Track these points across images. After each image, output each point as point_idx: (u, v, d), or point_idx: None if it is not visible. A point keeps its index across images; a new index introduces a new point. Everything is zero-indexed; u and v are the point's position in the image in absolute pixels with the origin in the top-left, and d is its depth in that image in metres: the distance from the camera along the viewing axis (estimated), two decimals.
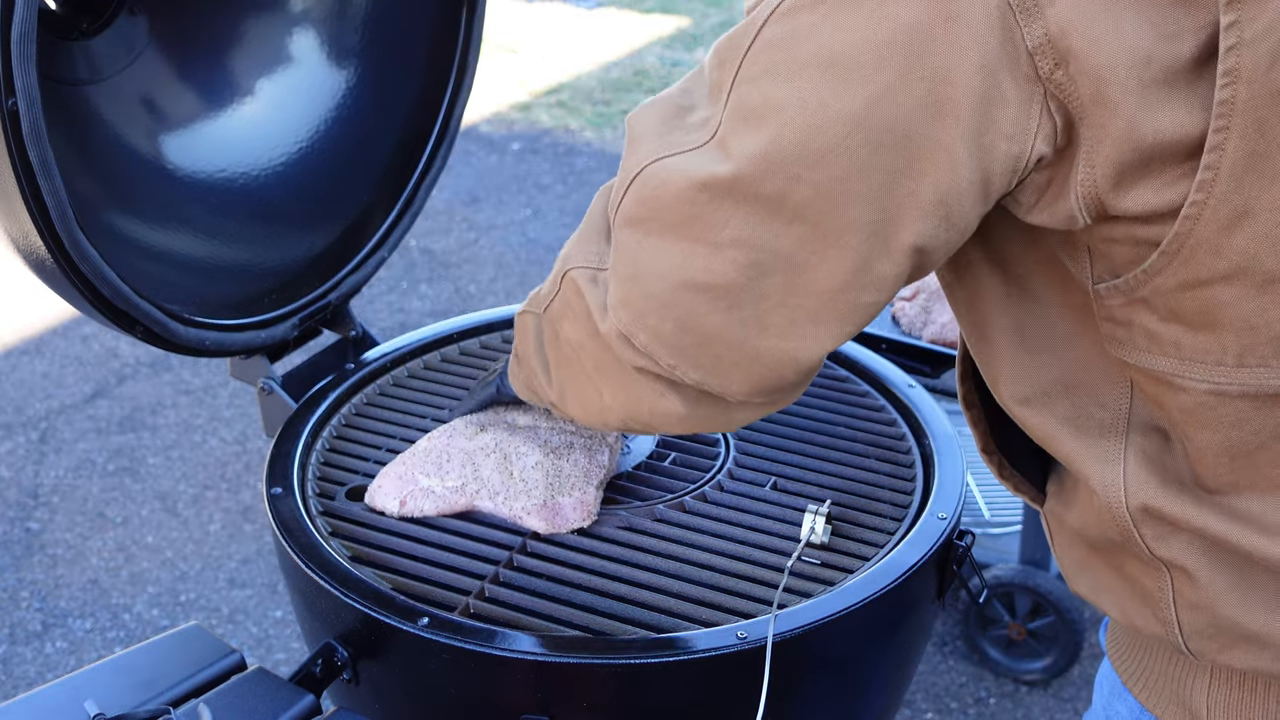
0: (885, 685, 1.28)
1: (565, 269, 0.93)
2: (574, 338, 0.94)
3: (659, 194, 0.80)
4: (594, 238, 0.92)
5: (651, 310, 0.82)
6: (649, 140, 0.82)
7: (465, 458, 1.28)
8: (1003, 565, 2.39)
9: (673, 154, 0.80)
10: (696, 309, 0.81)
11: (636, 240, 0.82)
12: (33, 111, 1.07)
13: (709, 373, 0.84)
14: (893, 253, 0.76)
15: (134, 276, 1.28)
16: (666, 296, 0.81)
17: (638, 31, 7.36)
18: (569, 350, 0.97)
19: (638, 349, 0.85)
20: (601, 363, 0.92)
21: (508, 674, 1.07)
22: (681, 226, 0.79)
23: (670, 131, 0.81)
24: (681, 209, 0.78)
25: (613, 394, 0.93)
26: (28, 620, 2.63)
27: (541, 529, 1.24)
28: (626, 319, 0.84)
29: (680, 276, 0.80)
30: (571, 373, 0.98)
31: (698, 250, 0.79)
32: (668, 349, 0.83)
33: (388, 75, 1.65)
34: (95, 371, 3.62)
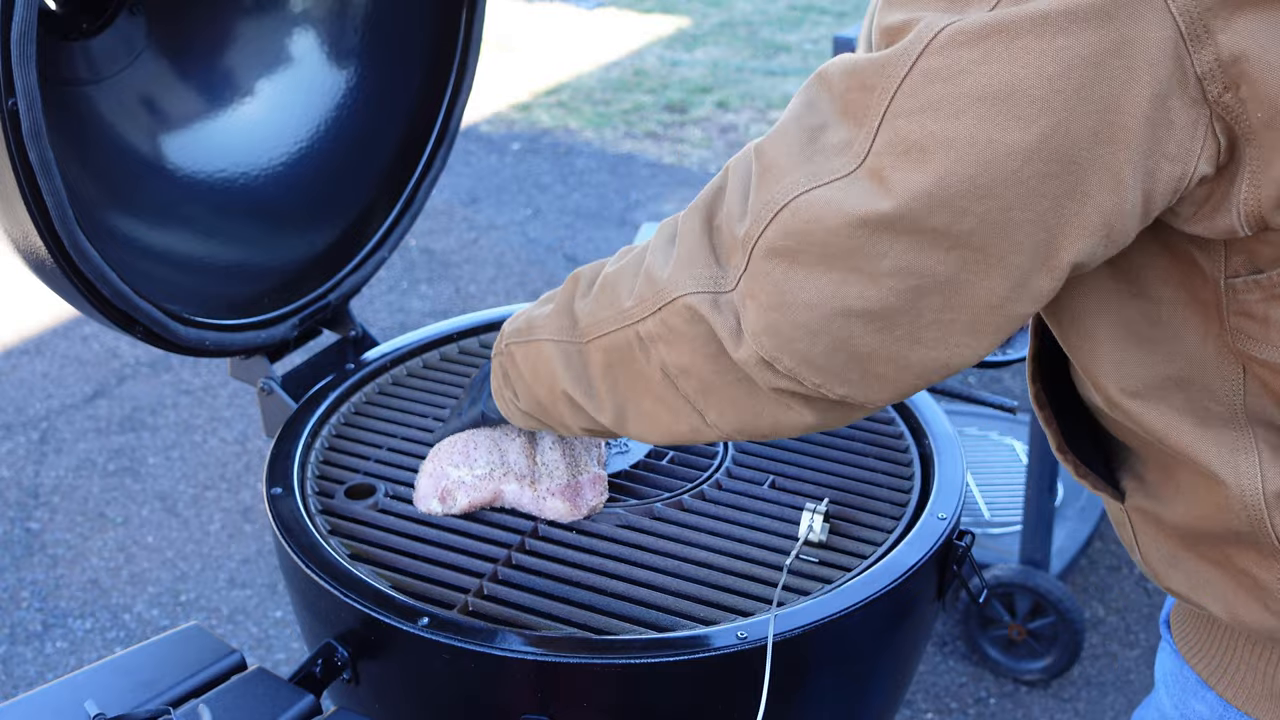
0: (885, 685, 1.28)
1: (673, 295, 0.90)
2: (680, 362, 0.92)
3: (811, 228, 0.79)
4: (700, 262, 0.89)
5: (800, 337, 0.82)
6: (788, 169, 0.81)
7: (491, 444, 1.30)
8: (1003, 565, 2.39)
9: (820, 185, 0.79)
10: (851, 333, 0.81)
11: (783, 271, 0.81)
12: (33, 111, 1.07)
13: (855, 387, 0.85)
14: (1052, 269, 0.77)
15: (134, 276, 1.28)
16: (817, 324, 0.81)
17: (638, 31, 7.36)
18: (659, 375, 0.94)
19: (781, 372, 0.85)
20: (714, 385, 0.91)
21: (508, 673, 1.07)
22: (836, 259, 0.79)
23: (810, 159, 0.80)
24: (837, 243, 0.78)
25: (722, 412, 0.93)
26: (28, 620, 2.64)
27: (562, 510, 1.25)
28: (771, 345, 0.84)
29: (834, 305, 0.80)
30: (651, 398, 0.97)
31: (852, 279, 0.79)
32: (815, 370, 0.84)
33: (388, 76, 1.65)
34: (95, 371, 3.63)
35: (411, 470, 1.37)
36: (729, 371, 0.89)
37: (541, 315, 1.07)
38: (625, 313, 0.95)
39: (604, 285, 0.99)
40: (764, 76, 6.47)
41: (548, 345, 1.05)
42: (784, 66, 6.65)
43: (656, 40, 7.18)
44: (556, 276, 4.23)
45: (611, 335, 0.97)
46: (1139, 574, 2.77)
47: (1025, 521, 2.39)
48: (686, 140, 5.57)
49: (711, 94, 6.17)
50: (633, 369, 0.97)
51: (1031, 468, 2.37)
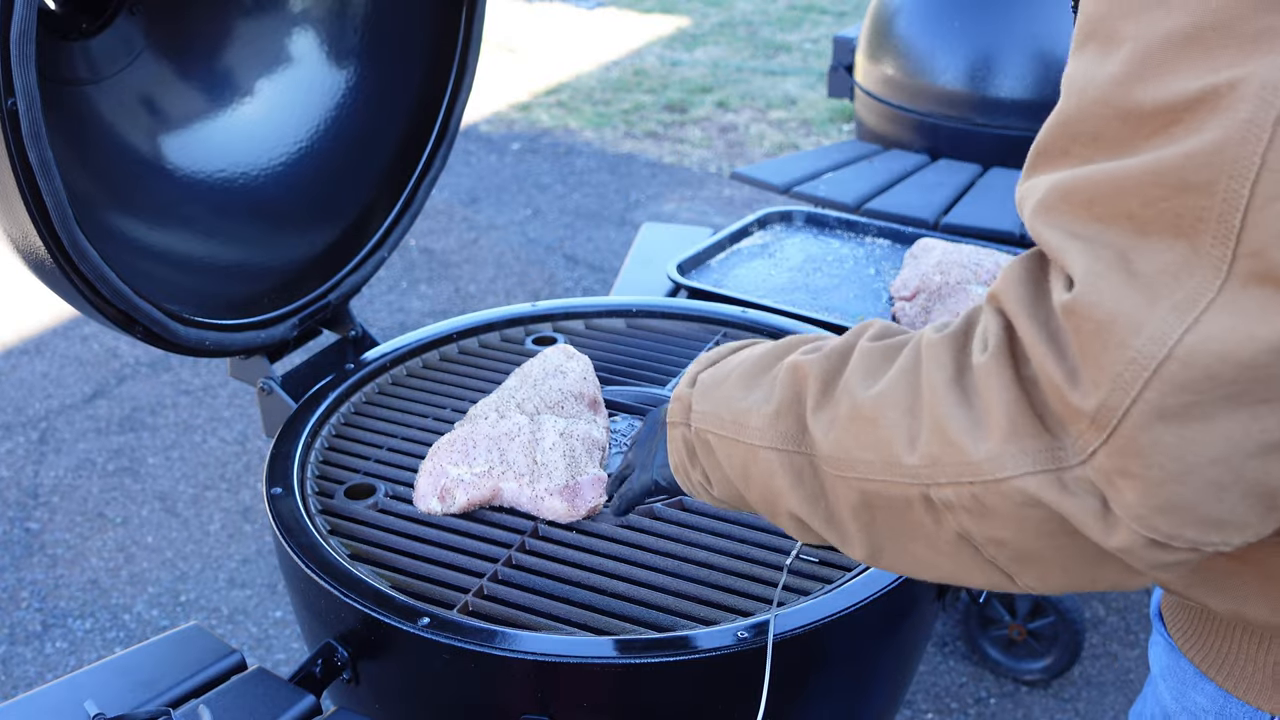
0: (885, 685, 1.28)
1: (996, 476, 0.73)
2: (995, 536, 0.77)
3: (1214, 371, 0.65)
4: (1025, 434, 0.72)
5: (1208, 500, 0.68)
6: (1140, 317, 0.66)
7: (491, 443, 1.30)
8: None
9: (1192, 319, 0.64)
10: (1268, 470, 0.68)
11: (1178, 434, 0.67)
12: (32, 112, 1.07)
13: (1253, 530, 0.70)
14: None
15: (134, 276, 1.28)
16: (1230, 477, 0.68)
17: (638, 31, 7.36)
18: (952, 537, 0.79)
19: (1178, 549, 0.71)
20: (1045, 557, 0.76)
21: (508, 674, 1.07)
22: (1242, 396, 0.65)
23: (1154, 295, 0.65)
24: (1247, 374, 0.64)
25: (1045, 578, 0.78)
26: (27, 620, 2.64)
27: (560, 510, 1.25)
28: (1168, 525, 0.69)
29: (1249, 448, 0.67)
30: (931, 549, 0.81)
31: (1270, 411, 0.66)
32: (1219, 529, 0.69)
33: (388, 76, 1.65)
34: (95, 371, 3.63)
35: (411, 470, 1.37)
36: (1078, 547, 0.75)
37: (756, 411, 0.89)
38: (907, 469, 0.78)
39: (859, 413, 0.81)
40: (764, 76, 6.47)
41: (770, 454, 0.87)
42: (784, 66, 6.65)
43: (656, 40, 7.18)
44: (556, 276, 4.23)
45: (879, 484, 0.80)
46: None
47: None
48: (686, 140, 5.57)
49: (711, 94, 6.17)
50: (909, 523, 0.81)
51: None
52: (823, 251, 2.08)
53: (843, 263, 2.03)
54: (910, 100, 2.79)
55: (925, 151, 2.81)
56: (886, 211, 2.37)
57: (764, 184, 2.62)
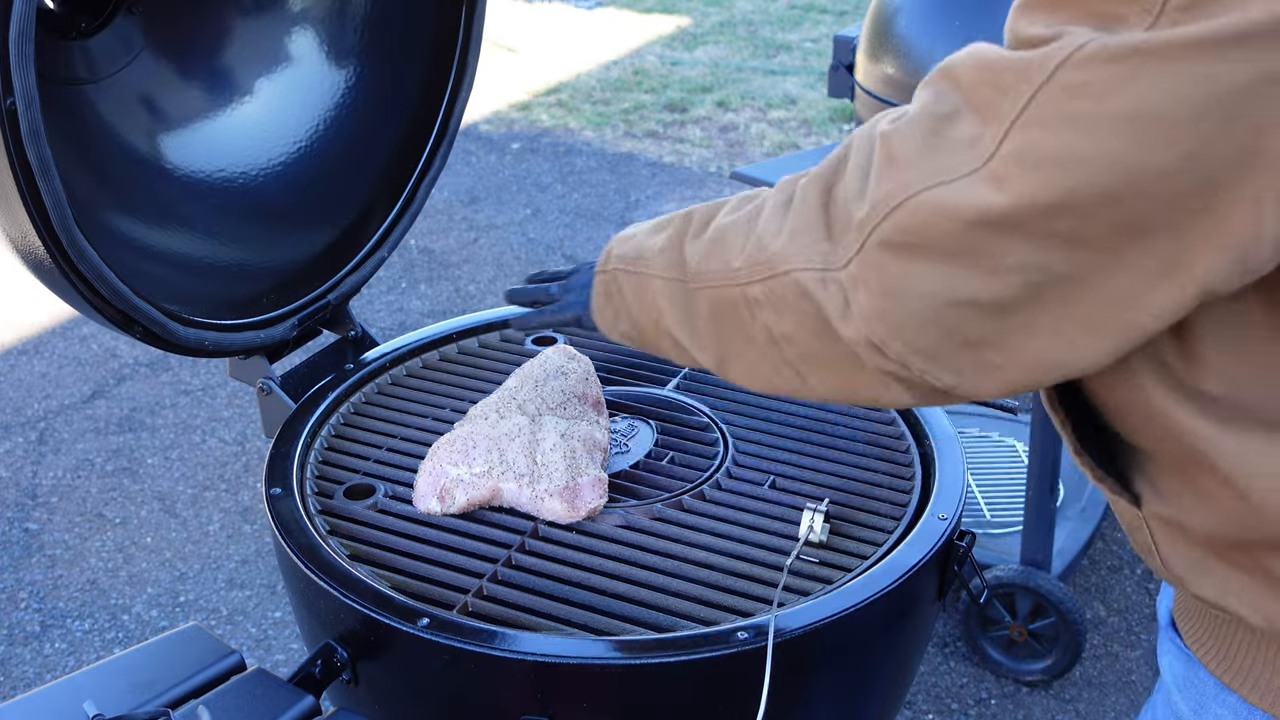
0: (886, 685, 1.28)
1: (782, 268, 0.90)
2: (784, 330, 0.92)
3: (930, 225, 0.78)
4: (812, 236, 0.88)
5: (911, 325, 0.81)
6: (912, 161, 0.79)
7: (490, 443, 1.29)
8: (1004, 566, 2.38)
9: (940, 183, 0.77)
10: (964, 323, 0.80)
11: (898, 263, 0.81)
12: (31, 111, 1.07)
13: (963, 376, 0.83)
14: (1181, 286, 0.74)
15: (133, 276, 1.27)
16: (930, 314, 0.80)
17: (637, 31, 7.36)
18: (764, 336, 0.95)
19: (889, 357, 0.84)
20: (817, 356, 0.91)
21: (508, 674, 1.07)
22: (955, 256, 0.78)
23: (935, 153, 0.78)
24: (957, 242, 0.77)
25: (823, 381, 0.92)
26: (26, 621, 2.63)
27: (560, 511, 1.25)
28: (881, 331, 0.83)
29: (949, 297, 0.79)
30: (754, 352, 0.97)
31: (970, 275, 0.78)
32: (924, 358, 0.83)
33: (388, 75, 1.65)
34: (94, 372, 3.62)
35: (411, 470, 1.37)
36: (833, 346, 0.89)
37: (652, 248, 1.07)
38: (734, 272, 0.95)
39: (716, 236, 0.99)
40: (764, 76, 6.47)
41: (656, 281, 1.05)
42: (784, 66, 6.65)
43: (656, 40, 7.18)
44: None
45: (718, 290, 0.97)
46: (1140, 574, 2.77)
47: (1026, 522, 2.38)
48: (686, 140, 5.57)
49: (711, 93, 6.17)
50: (738, 324, 0.97)
51: (1032, 468, 2.37)
52: None
53: None
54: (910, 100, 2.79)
55: None
56: None
57: (764, 184, 2.62)
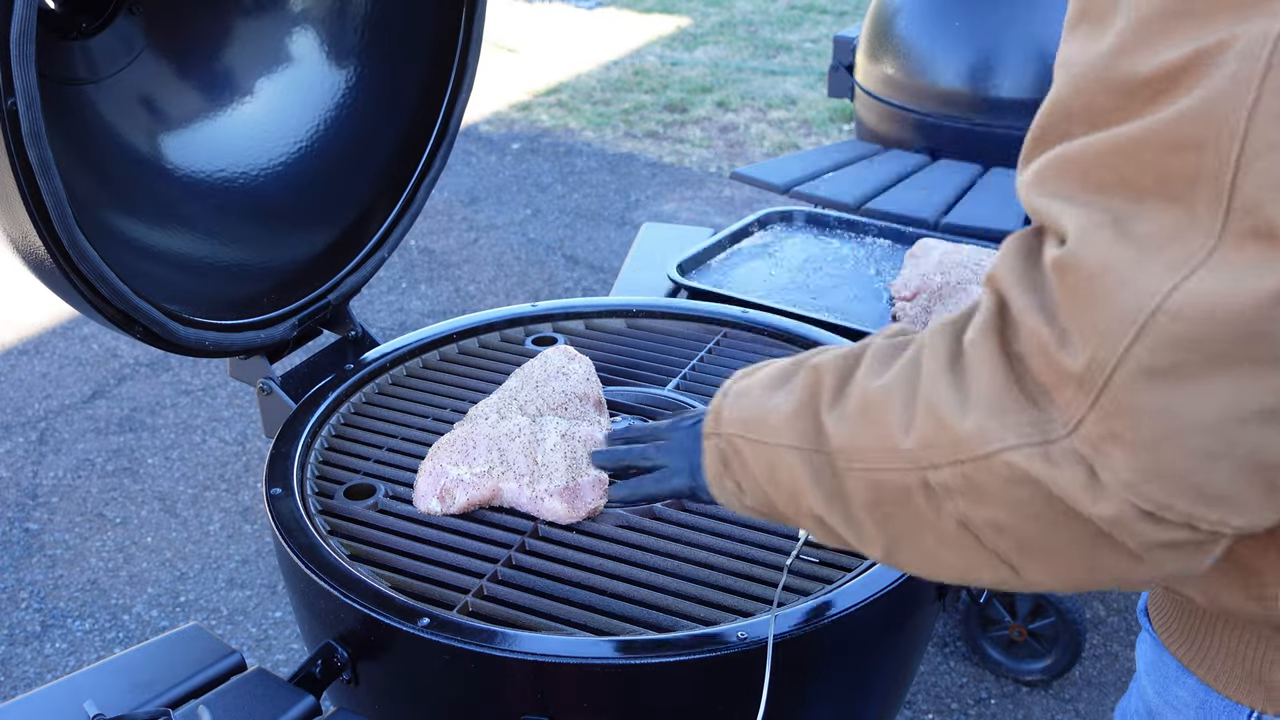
0: (886, 685, 1.28)
1: (985, 451, 0.72)
2: (993, 519, 0.75)
3: (1200, 327, 0.62)
4: (1012, 408, 0.72)
5: (1198, 468, 0.65)
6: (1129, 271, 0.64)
7: (490, 443, 1.30)
8: None
9: (1183, 275, 0.62)
10: (1263, 441, 0.65)
11: (1164, 393, 0.64)
12: (32, 111, 1.07)
13: (1254, 512, 0.68)
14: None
15: (134, 276, 1.27)
16: (1221, 445, 0.65)
17: (638, 31, 7.36)
18: (954, 527, 0.78)
19: (1171, 522, 0.68)
20: (1043, 543, 0.74)
21: (508, 674, 1.07)
22: (1234, 355, 0.63)
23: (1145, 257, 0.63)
24: (1239, 334, 0.62)
25: (1051, 570, 0.76)
26: (27, 621, 2.63)
27: (560, 511, 1.25)
28: (1158, 493, 0.66)
29: (1241, 413, 0.64)
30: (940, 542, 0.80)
31: (1260, 372, 0.63)
32: (1215, 505, 0.67)
33: (388, 75, 1.65)
34: (94, 372, 3.62)
35: (411, 470, 1.37)
36: (1071, 529, 0.72)
37: (777, 411, 0.90)
38: (904, 454, 0.78)
39: (866, 405, 0.82)
40: (764, 76, 6.47)
41: (790, 454, 0.88)
42: (784, 66, 6.65)
43: (656, 40, 7.18)
44: (556, 276, 4.23)
45: (883, 473, 0.80)
46: None
47: None
48: (686, 140, 5.57)
49: (711, 94, 6.17)
50: (913, 513, 0.80)
51: None
52: (823, 251, 2.08)
53: (843, 263, 2.03)
54: (910, 100, 2.79)
55: (925, 151, 2.81)
56: (887, 211, 2.37)
57: (764, 184, 2.62)
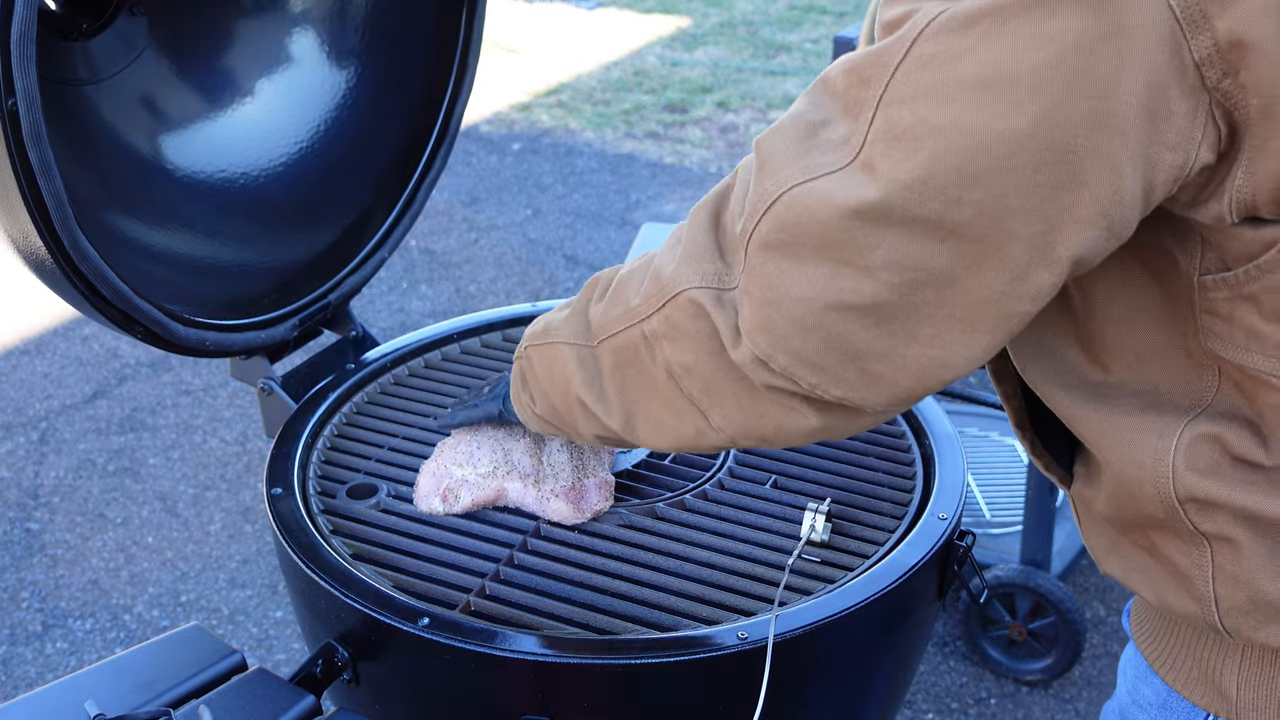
0: (886, 685, 1.28)
1: (677, 290, 0.89)
2: (683, 360, 0.90)
3: (802, 220, 0.78)
4: (705, 258, 0.88)
5: (794, 334, 0.81)
6: (784, 163, 0.80)
7: (495, 444, 1.30)
8: (1003, 565, 2.38)
9: (814, 177, 0.78)
10: (844, 328, 0.79)
11: (775, 265, 0.80)
12: (32, 112, 1.07)
13: (851, 388, 0.83)
14: (1051, 263, 0.75)
15: (134, 277, 1.28)
16: (811, 320, 0.80)
17: (638, 31, 7.36)
18: (664, 376, 0.93)
19: (775, 371, 0.84)
20: (717, 384, 0.89)
21: (508, 674, 1.07)
22: (828, 251, 0.77)
23: (807, 153, 0.79)
24: (828, 235, 0.77)
25: (726, 414, 0.91)
26: (28, 621, 2.63)
27: (565, 512, 1.25)
28: (764, 343, 0.83)
29: (827, 299, 0.79)
30: (657, 400, 0.95)
31: (845, 273, 0.77)
32: (810, 369, 0.82)
33: (388, 75, 1.65)
34: (95, 372, 3.62)
35: (413, 470, 1.37)
36: (731, 370, 0.88)
37: (559, 319, 1.06)
38: (632, 311, 0.94)
39: (616, 287, 0.98)
40: (764, 76, 6.47)
41: (564, 349, 1.04)
42: (784, 66, 6.65)
43: (656, 40, 7.18)
44: (556, 276, 4.23)
45: (620, 335, 0.96)
46: None
47: (1026, 522, 2.39)
48: (687, 140, 5.57)
49: (711, 94, 6.18)
50: (639, 370, 0.96)
51: (1032, 468, 2.37)
52: None
53: None
54: None
55: None
56: None
57: None
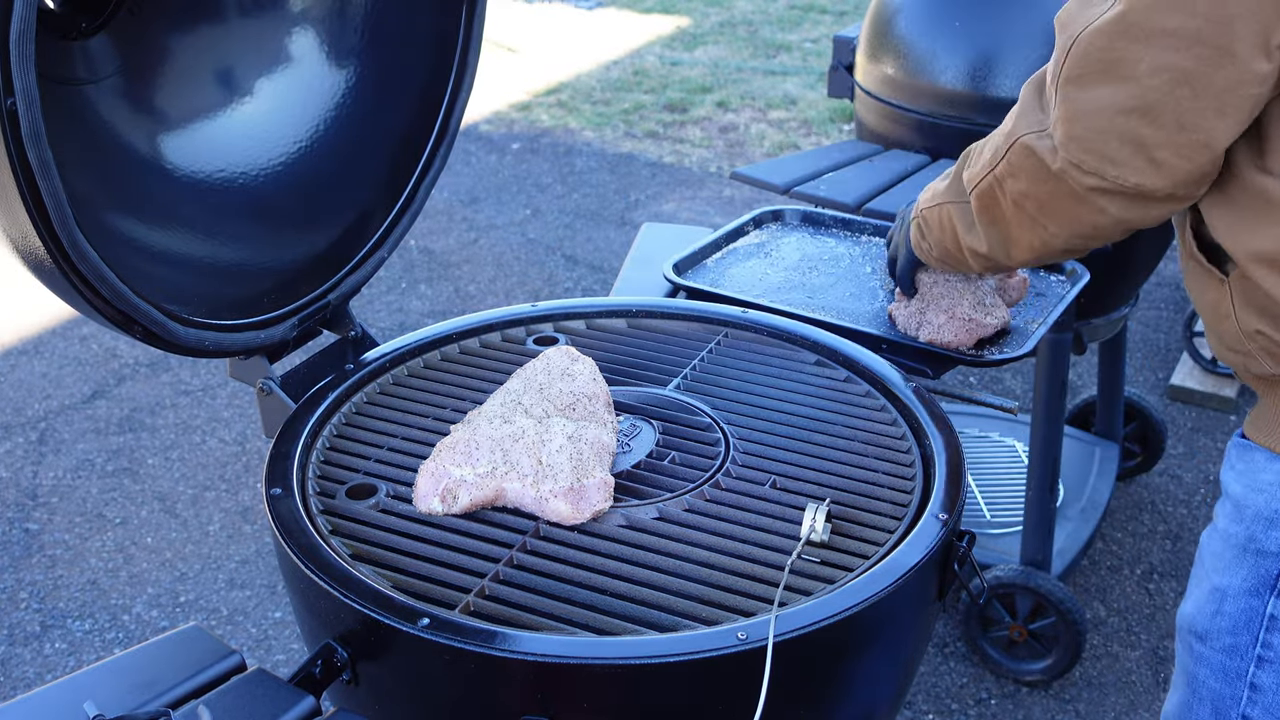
0: (886, 686, 1.28)
1: (1013, 139, 1.23)
2: (1021, 188, 1.24)
3: (1089, 53, 1.11)
4: (1030, 112, 1.22)
5: (1095, 138, 1.13)
6: (1075, 20, 1.14)
7: (494, 444, 1.30)
8: (1004, 566, 2.38)
9: (1094, 22, 1.11)
10: (1130, 126, 1.10)
11: (1076, 93, 1.13)
12: (31, 112, 1.07)
13: (1144, 174, 1.12)
14: (1270, 52, 1.03)
15: (133, 277, 1.27)
16: (1105, 124, 1.12)
17: (638, 31, 7.36)
18: (1011, 205, 1.27)
19: (1087, 171, 1.15)
20: (1049, 200, 1.22)
21: (508, 674, 1.07)
22: (1109, 71, 1.10)
23: (1089, 6, 1.13)
24: (1105, 57, 1.10)
25: (1059, 223, 1.23)
26: (26, 621, 2.63)
27: (565, 512, 1.25)
28: (1076, 150, 1.15)
29: (1114, 107, 1.11)
30: (1016, 224, 1.29)
31: (1122, 85, 1.10)
32: (1111, 164, 1.13)
33: (388, 75, 1.65)
34: (94, 372, 3.62)
35: (412, 470, 1.37)
36: (1053, 185, 1.20)
37: (943, 186, 1.44)
38: (986, 164, 1.30)
39: (978, 151, 1.33)
40: (764, 76, 6.47)
41: (949, 207, 1.42)
42: (784, 66, 6.65)
43: (656, 40, 7.18)
44: (556, 276, 4.23)
45: (980, 184, 1.31)
46: (1140, 574, 2.77)
47: (1026, 522, 2.38)
48: (686, 140, 5.57)
49: (711, 94, 6.17)
50: (995, 206, 1.30)
51: (1032, 468, 2.37)
52: (819, 250, 2.08)
53: (839, 261, 2.03)
54: (910, 100, 2.78)
55: (925, 151, 2.81)
56: (887, 211, 2.37)
57: (764, 184, 2.61)
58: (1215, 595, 1.26)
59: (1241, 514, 1.23)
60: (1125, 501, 3.02)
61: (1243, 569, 1.23)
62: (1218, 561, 1.27)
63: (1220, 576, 1.26)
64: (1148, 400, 3.04)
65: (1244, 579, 1.23)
